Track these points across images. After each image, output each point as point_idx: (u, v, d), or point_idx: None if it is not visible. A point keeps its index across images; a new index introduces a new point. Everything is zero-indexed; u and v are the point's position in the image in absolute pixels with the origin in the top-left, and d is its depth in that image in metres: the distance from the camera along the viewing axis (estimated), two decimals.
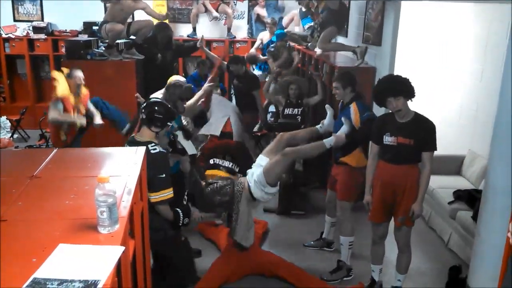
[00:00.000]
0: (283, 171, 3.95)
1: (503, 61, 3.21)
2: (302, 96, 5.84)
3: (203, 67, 6.86)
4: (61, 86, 4.94)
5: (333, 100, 5.20)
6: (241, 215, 3.87)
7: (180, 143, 4.08)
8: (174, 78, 5.41)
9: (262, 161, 3.95)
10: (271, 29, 7.98)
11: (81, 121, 5.10)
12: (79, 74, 5.04)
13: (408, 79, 3.53)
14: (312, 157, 4.41)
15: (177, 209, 3.43)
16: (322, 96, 5.77)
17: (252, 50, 8.10)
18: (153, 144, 3.27)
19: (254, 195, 3.83)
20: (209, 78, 5.83)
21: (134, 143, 3.27)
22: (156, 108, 3.39)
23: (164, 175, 3.21)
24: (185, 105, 4.63)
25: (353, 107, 4.10)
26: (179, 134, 4.30)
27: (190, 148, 4.33)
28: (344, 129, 3.98)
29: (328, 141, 3.98)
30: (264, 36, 8.17)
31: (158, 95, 5.25)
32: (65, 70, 5.12)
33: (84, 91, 5.17)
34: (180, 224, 3.46)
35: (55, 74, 5.05)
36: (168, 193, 3.23)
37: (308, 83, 6.36)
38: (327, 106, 4.34)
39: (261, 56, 7.89)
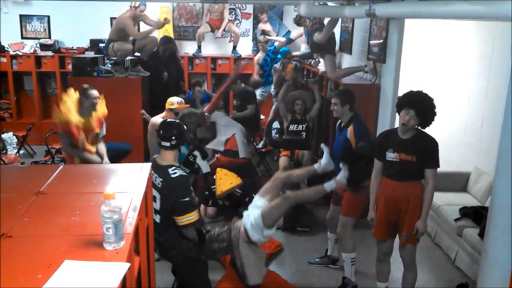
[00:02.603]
0: (282, 214, 3.87)
1: (508, 77, 3.22)
2: (308, 111, 5.85)
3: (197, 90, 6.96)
4: (64, 112, 4.72)
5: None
6: (245, 259, 3.78)
7: (197, 163, 4.12)
8: (171, 100, 5.45)
9: (258, 201, 3.85)
10: (263, 47, 8.12)
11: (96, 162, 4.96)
12: (94, 92, 4.86)
13: (436, 113, 3.51)
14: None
15: (200, 229, 3.46)
16: (320, 101, 5.81)
17: (256, 76, 8.23)
18: (173, 168, 3.27)
19: (252, 238, 3.69)
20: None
21: (156, 166, 3.29)
22: (177, 129, 3.41)
23: (188, 199, 3.20)
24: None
25: (349, 130, 4.10)
26: (198, 155, 4.34)
27: (205, 166, 4.37)
28: (342, 174, 3.94)
29: (329, 185, 3.93)
30: (259, 57, 8.31)
31: (158, 119, 5.29)
32: (72, 91, 4.92)
33: (102, 109, 5.01)
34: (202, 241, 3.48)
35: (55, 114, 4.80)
36: (193, 216, 3.23)
37: (313, 97, 6.38)
38: (322, 145, 4.30)
39: (269, 27, 8.28)
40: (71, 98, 4.85)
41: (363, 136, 4.08)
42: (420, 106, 3.49)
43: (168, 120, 3.77)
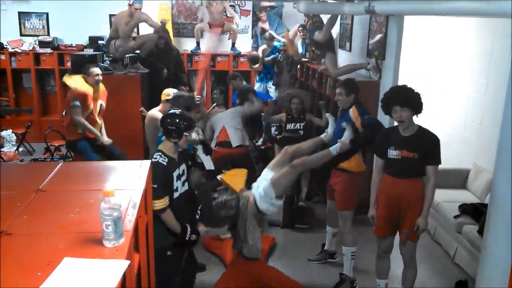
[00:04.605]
0: (291, 182, 3.92)
1: (507, 74, 3.21)
2: (305, 111, 5.82)
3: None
4: (75, 82, 4.98)
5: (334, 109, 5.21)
6: (248, 229, 3.85)
7: (199, 157, 4.12)
8: (167, 91, 5.42)
9: (267, 174, 3.92)
10: (268, 44, 8.12)
11: (105, 140, 5.22)
12: (95, 69, 5.09)
13: (419, 94, 3.53)
14: (319, 166, 4.36)
15: (187, 224, 3.45)
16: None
17: (254, 53, 8.34)
18: (157, 153, 3.38)
19: (260, 208, 3.79)
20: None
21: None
22: (169, 120, 3.46)
23: (155, 185, 3.15)
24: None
25: (352, 111, 4.12)
26: (199, 148, 4.33)
27: (208, 163, 4.36)
28: (347, 135, 3.97)
29: (334, 148, 3.94)
30: (263, 49, 8.31)
31: (155, 112, 5.28)
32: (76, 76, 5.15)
33: (102, 87, 5.22)
34: (187, 239, 3.46)
35: (66, 78, 5.11)
36: (156, 204, 3.25)
37: (312, 96, 6.37)
38: (328, 114, 4.36)
39: (259, 55, 8.22)
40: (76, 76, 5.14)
41: (367, 111, 4.18)
42: (400, 97, 3.53)
43: (170, 112, 3.78)
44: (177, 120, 3.45)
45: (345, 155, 4.06)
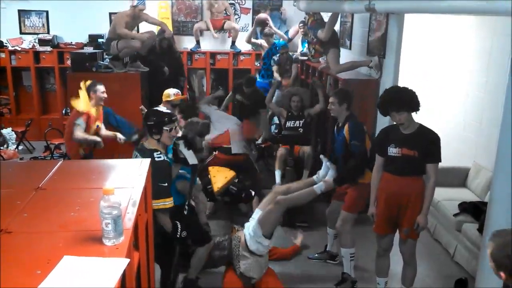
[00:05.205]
0: (277, 220, 3.93)
1: (507, 73, 3.21)
2: (304, 108, 5.83)
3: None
4: (83, 101, 4.91)
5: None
6: (245, 268, 3.82)
7: (182, 152, 4.11)
8: (168, 92, 5.42)
9: (258, 214, 3.93)
10: (268, 40, 8.09)
11: (100, 144, 5.15)
12: (101, 87, 5.03)
13: (413, 92, 3.53)
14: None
15: (177, 221, 3.46)
16: (323, 105, 5.77)
17: (262, 15, 8.39)
18: (158, 152, 3.36)
19: (250, 248, 3.79)
20: None
21: (142, 149, 3.40)
22: (148, 116, 3.49)
23: (166, 184, 3.27)
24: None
25: (345, 129, 4.16)
26: (181, 144, 4.32)
27: (191, 158, 4.35)
28: (331, 174, 4.04)
29: (318, 187, 4.03)
30: (263, 43, 8.29)
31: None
32: (83, 84, 5.05)
33: (99, 107, 5.15)
34: (178, 236, 3.48)
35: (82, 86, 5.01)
36: (168, 202, 3.29)
37: (311, 94, 6.37)
38: (321, 156, 4.34)
39: (271, 22, 8.28)
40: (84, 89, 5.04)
41: (357, 134, 4.13)
42: (395, 102, 3.52)
43: (153, 108, 3.82)
44: (156, 116, 3.47)
45: (353, 178, 4.12)
